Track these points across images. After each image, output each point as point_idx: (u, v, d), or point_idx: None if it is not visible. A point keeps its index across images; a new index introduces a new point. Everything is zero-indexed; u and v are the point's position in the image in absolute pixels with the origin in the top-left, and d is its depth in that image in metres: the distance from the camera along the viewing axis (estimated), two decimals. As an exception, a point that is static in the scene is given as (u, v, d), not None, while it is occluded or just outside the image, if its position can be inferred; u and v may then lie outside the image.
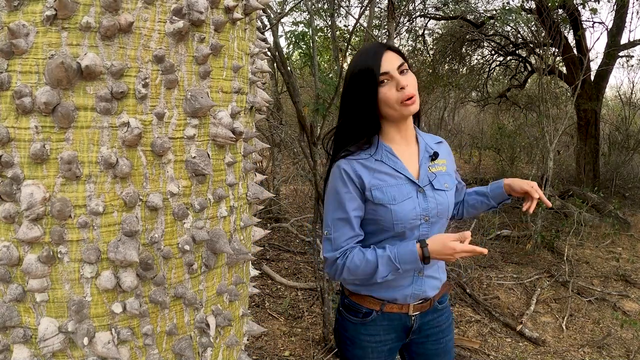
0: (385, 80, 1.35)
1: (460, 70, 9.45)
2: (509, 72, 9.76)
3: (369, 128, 1.42)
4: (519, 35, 8.32)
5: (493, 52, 9.20)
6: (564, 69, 7.34)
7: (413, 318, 1.48)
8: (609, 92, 11.28)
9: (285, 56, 3.12)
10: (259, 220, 1.31)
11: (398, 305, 1.45)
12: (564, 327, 3.50)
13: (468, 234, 1.29)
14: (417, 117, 1.55)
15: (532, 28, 7.43)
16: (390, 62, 1.35)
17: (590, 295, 3.99)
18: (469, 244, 1.29)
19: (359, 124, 1.40)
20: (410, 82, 1.35)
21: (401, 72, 1.35)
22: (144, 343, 0.98)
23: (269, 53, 3.02)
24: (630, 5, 6.88)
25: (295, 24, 3.61)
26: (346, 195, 1.36)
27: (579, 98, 6.72)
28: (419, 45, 8.87)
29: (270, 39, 3.11)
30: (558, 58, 7.19)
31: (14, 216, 0.87)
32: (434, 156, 1.45)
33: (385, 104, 1.35)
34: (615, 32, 6.97)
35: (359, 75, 1.35)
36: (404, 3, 6.60)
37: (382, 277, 1.34)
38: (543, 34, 6.14)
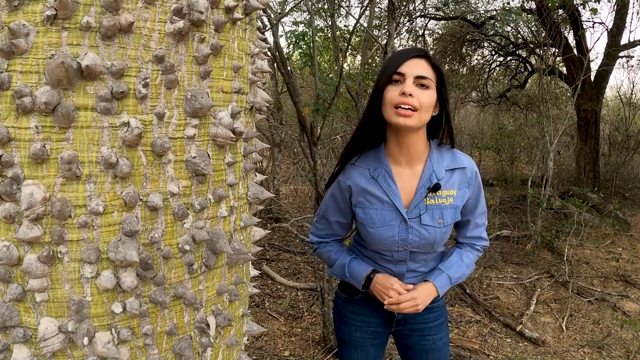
0: (398, 81, 1.29)
1: (461, 70, 9.45)
2: (509, 73, 9.76)
3: (374, 131, 1.39)
4: (519, 35, 8.33)
5: (493, 52, 9.20)
6: (564, 69, 7.34)
7: None
8: (609, 92, 11.29)
9: (286, 56, 3.12)
10: (259, 220, 1.31)
11: None
12: (564, 327, 3.50)
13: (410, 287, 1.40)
14: (449, 137, 1.42)
15: (532, 28, 7.44)
16: (413, 67, 1.28)
17: (590, 296, 3.99)
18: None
19: (366, 125, 1.37)
20: (420, 96, 1.25)
21: (420, 85, 1.27)
22: (144, 343, 0.98)
23: (269, 53, 3.02)
24: (631, 5, 6.89)
25: (296, 24, 3.61)
26: (334, 204, 1.49)
27: (579, 98, 6.73)
28: (419, 46, 8.87)
29: (271, 39, 3.10)
30: (558, 58, 7.20)
31: (14, 216, 0.87)
32: (434, 188, 1.34)
33: (384, 102, 1.31)
34: (615, 33, 6.97)
35: (380, 70, 1.37)
36: (404, 3, 6.60)
37: (333, 274, 1.56)
38: (543, 34, 6.13)
